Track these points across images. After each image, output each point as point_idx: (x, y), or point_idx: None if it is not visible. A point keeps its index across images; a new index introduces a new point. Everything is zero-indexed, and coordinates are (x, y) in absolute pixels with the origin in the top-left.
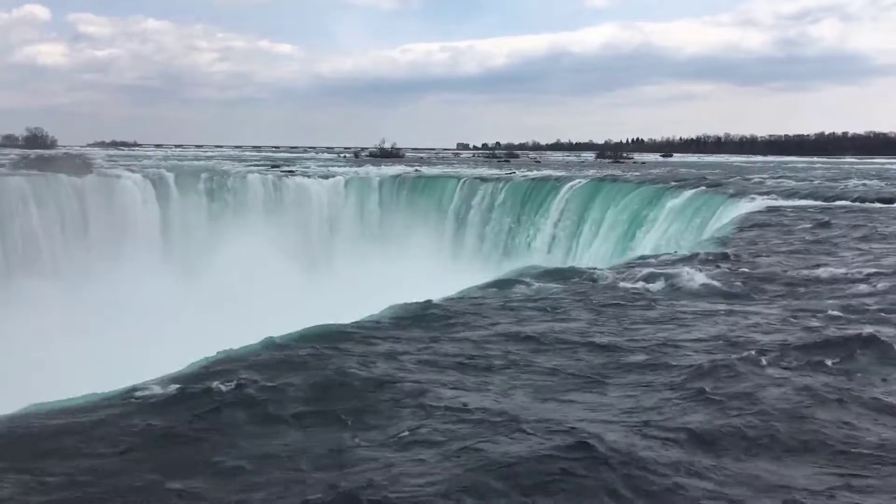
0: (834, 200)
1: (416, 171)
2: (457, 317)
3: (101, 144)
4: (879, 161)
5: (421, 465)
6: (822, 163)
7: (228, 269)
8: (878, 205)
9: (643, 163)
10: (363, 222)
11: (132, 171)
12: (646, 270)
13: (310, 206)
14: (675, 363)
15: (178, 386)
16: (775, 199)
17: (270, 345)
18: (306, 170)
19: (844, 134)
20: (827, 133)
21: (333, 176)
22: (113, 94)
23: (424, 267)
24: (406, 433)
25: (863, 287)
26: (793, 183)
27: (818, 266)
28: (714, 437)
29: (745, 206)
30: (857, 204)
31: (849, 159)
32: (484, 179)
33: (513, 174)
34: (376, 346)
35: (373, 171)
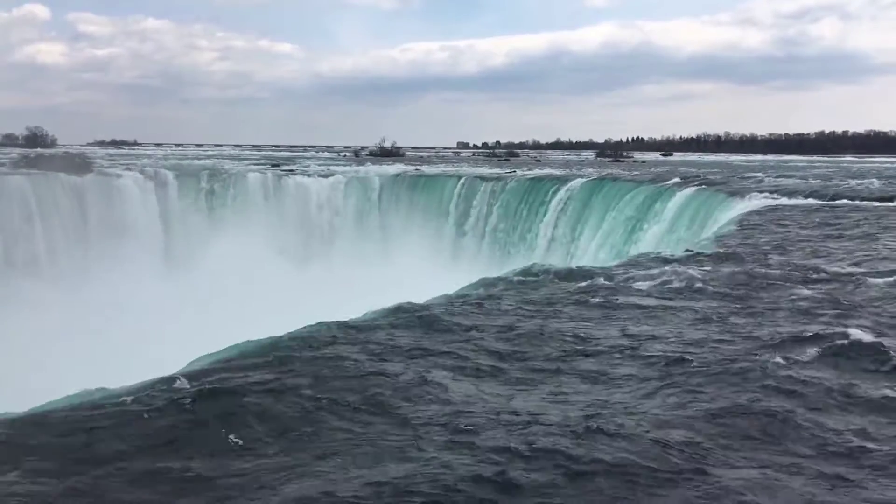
0: (834, 199)
1: (417, 170)
2: (456, 316)
3: (101, 143)
4: (879, 160)
5: (420, 464)
6: (822, 162)
7: (228, 269)
8: (877, 203)
9: (643, 162)
10: (363, 221)
11: (132, 170)
12: (645, 269)
13: (309, 205)
14: (674, 363)
15: (178, 385)
16: (775, 198)
17: (269, 344)
18: (306, 169)
19: (844, 133)
20: (827, 132)
21: (333, 175)
22: (113, 94)
23: (424, 265)
24: (404, 431)
25: (863, 287)
26: (792, 182)
27: (818, 265)
28: (716, 438)
29: (745, 205)
30: (857, 202)
31: (849, 158)
32: (484, 178)
33: (513, 173)
34: (375, 345)
35: (373, 170)
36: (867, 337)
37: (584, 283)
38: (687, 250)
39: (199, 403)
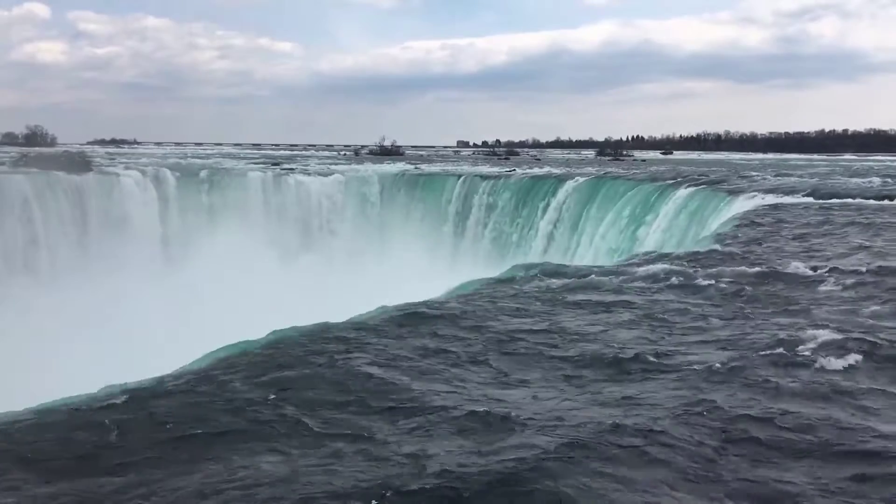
0: (833, 198)
1: (417, 168)
2: (456, 315)
3: (101, 142)
4: (880, 158)
5: (418, 463)
6: (823, 160)
7: (228, 268)
8: (876, 202)
9: (643, 160)
10: (363, 220)
11: (132, 168)
12: (645, 269)
13: (309, 204)
14: (673, 363)
15: (178, 384)
16: (775, 197)
17: (268, 343)
18: (306, 168)
19: (844, 131)
20: (827, 131)
21: (333, 174)
22: (113, 92)
23: (424, 264)
24: (403, 430)
25: (863, 287)
26: (793, 180)
27: (818, 265)
28: (718, 440)
29: (745, 204)
30: (857, 201)
31: (849, 156)
32: (484, 177)
33: (513, 172)
34: (374, 345)
35: (373, 168)
36: (868, 338)
37: (583, 282)
38: (686, 249)
39: (199, 403)
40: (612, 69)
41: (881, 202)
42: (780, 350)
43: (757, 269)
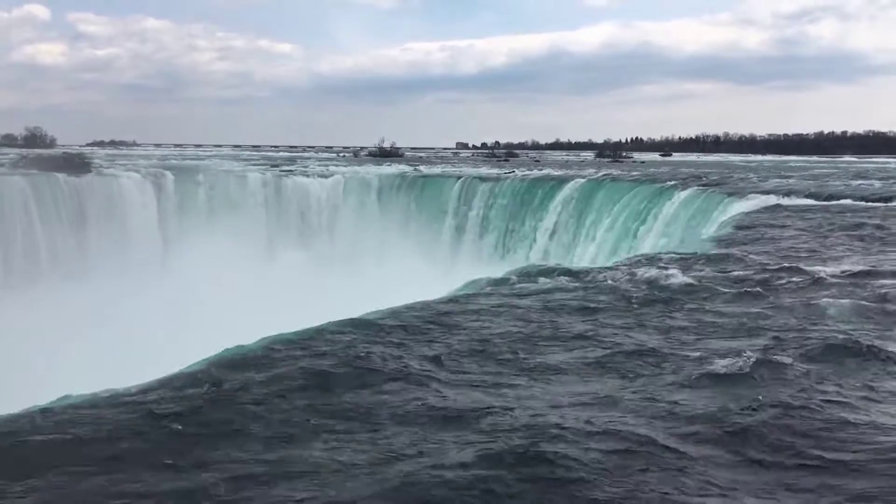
0: (833, 199)
1: (416, 170)
2: (455, 316)
3: (100, 144)
4: (879, 160)
5: (418, 464)
6: (822, 162)
7: (227, 269)
8: (875, 204)
9: (642, 162)
10: (362, 222)
11: (131, 170)
12: (644, 270)
13: (309, 205)
14: (671, 363)
15: (178, 385)
16: (775, 198)
17: (268, 344)
18: (305, 169)
19: (844, 133)
20: (826, 132)
21: (332, 175)
22: (112, 94)
23: (423, 266)
24: (403, 432)
25: (862, 287)
26: (792, 182)
27: (817, 266)
28: (714, 441)
29: (745, 205)
30: (856, 203)
31: (848, 158)
32: (483, 179)
33: (512, 173)
34: (374, 346)
35: (372, 170)
36: (868, 338)
37: (583, 284)
38: (686, 250)
39: (199, 403)
40: (612, 71)
41: (886, 203)
42: (780, 350)
43: (756, 270)
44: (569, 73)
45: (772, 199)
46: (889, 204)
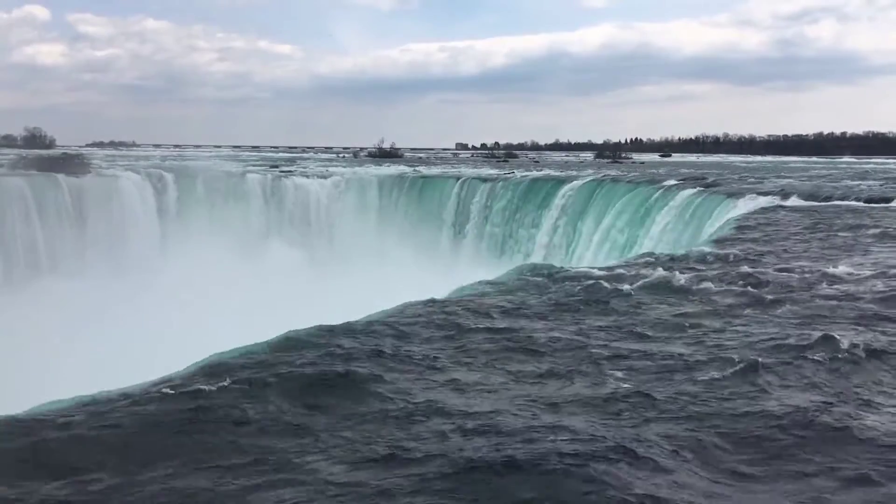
0: (832, 200)
1: (415, 170)
2: (455, 316)
3: (100, 145)
4: (878, 161)
5: (415, 466)
6: (821, 163)
7: (226, 270)
8: (874, 204)
9: (642, 163)
10: (361, 222)
11: (130, 170)
12: (644, 271)
13: (308, 206)
14: (670, 365)
15: (177, 386)
16: (774, 199)
17: (267, 345)
18: (305, 170)
19: (843, 134)
20: (825, 133)
21: (332, 176)
22: (112, 94)
23: (423, 267)
24: (403, 434)
25: (862, 288)
26: (792, 182)
27: (817, 266)
28: (711, 444)
29: (744, 206)
30: (855, 203)
31: (847, 159)
32: (483, 179)
33: (511, 174)
34: (374, 347)
35: (372, 171)
36: (868, 339)
37: (582, 285)
38: (685, 251)
39: (198, 404)
40: (611, 71)
41: (885, 204)
42: (779, 351)
43: (756, 271)
44: (568, 73)
45: (771, 200)
46: (889, 204)
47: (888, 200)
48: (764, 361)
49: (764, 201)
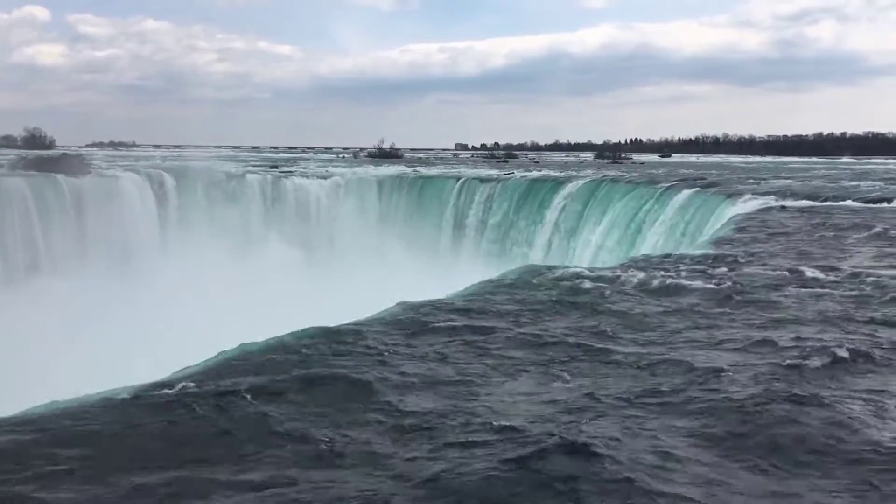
0: (832, 200)
1: (415, 171)
2: (454, 317)
3: (100, 145)
4: (878, 161)
5: (412, 468)
6: (821, 163)
7: (226, 270)
8: (874, 205)
9: (642, 163)
10: (361, 223)
11: (130, 171)
12: (643, 272)
13: (308, 206)
14: (668, 367)
15: (177, 387)
16: (774, 200)
17: (265, 347)
18: (305, 170)
19: (843, 134)
20: (825, 134)
21: (332, 176)
22: (112, 95)
23: (423, 267)
24: (403, 432)
25: (861, 288)
26: (791, 183)
27: (816, 267)
28: (715, 442)
29: (744, 207)
30: (855, 204)
31: (846, 159)
32: (483, 180)
33: (511, 175)
34: (373, 347)
35: (371, 171)
36: (868, 340)
37: (582, 285)
38: (684, 252)
39: (197, 405)
40: (611, 72)
41: (884, 204)
42: (778, 351)
43: (755, 271)
44: (568, 74)
45: (771, 201)
46: (889, 205)
47: (888, 201)
48: (764, 362)
49: (764, 201)
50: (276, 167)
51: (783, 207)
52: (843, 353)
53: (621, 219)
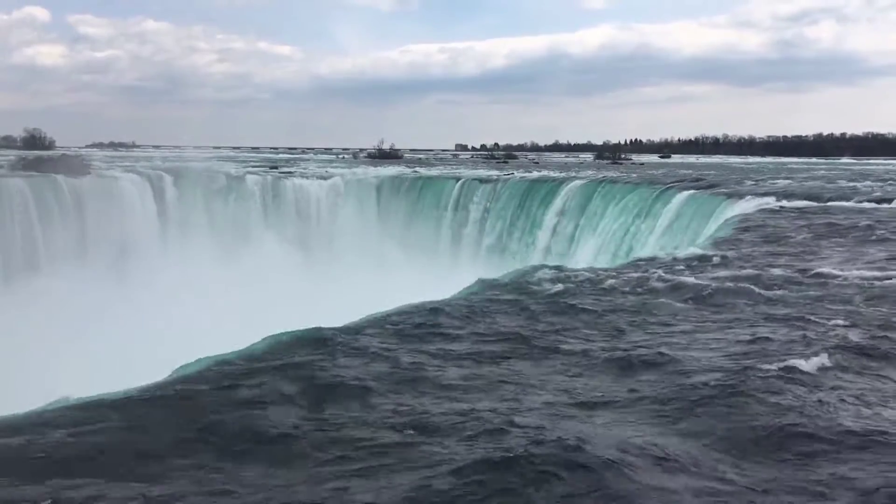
0: (832, 201)
1: (415, 172)
2: (454, 318)
3: (100, 146)
4: (878, 161)
5: (410, 470)
6: (821, 164)
7: (226, 270)
8: (874, 205)
9: (641, 164)
10: (361, 223)
11: (130, 171)
12: (643, 272)
13: (308, 207)
14: (667, 367)
15: (176, 388)
16: (774, 200)
17: (261, 349)
18: (304, 171)
19: (842, 135)
20: (825, 134)
21: (332, 177)
22: (112, 95)
23: (423, 268)
24: (402, 433)
25: (861, 289)
26: (791, 183)
27: (816, 267)
28: (716, 442)
29: (744, 207)
30: (855, 204)
31: (846, 160)
32: (482, 180)
33: (511, 175)
34: (372, 348)
35: (371, 172)
36: (866, 340)
37: (580, 286)
38: (684, 252)
39: (196, 405)
40: (611, 72)
41: (883, 205)
42: (777, 352)
43: (755, 272)
44: (568, 74)
45: (771, 201)
46: (889, 205)
47: (889, 201)
48: (764, 363)
49: (764, 202)
50: (276, 168)
51: (782, 208)
52: (843, 353)
53: (621, 219)
